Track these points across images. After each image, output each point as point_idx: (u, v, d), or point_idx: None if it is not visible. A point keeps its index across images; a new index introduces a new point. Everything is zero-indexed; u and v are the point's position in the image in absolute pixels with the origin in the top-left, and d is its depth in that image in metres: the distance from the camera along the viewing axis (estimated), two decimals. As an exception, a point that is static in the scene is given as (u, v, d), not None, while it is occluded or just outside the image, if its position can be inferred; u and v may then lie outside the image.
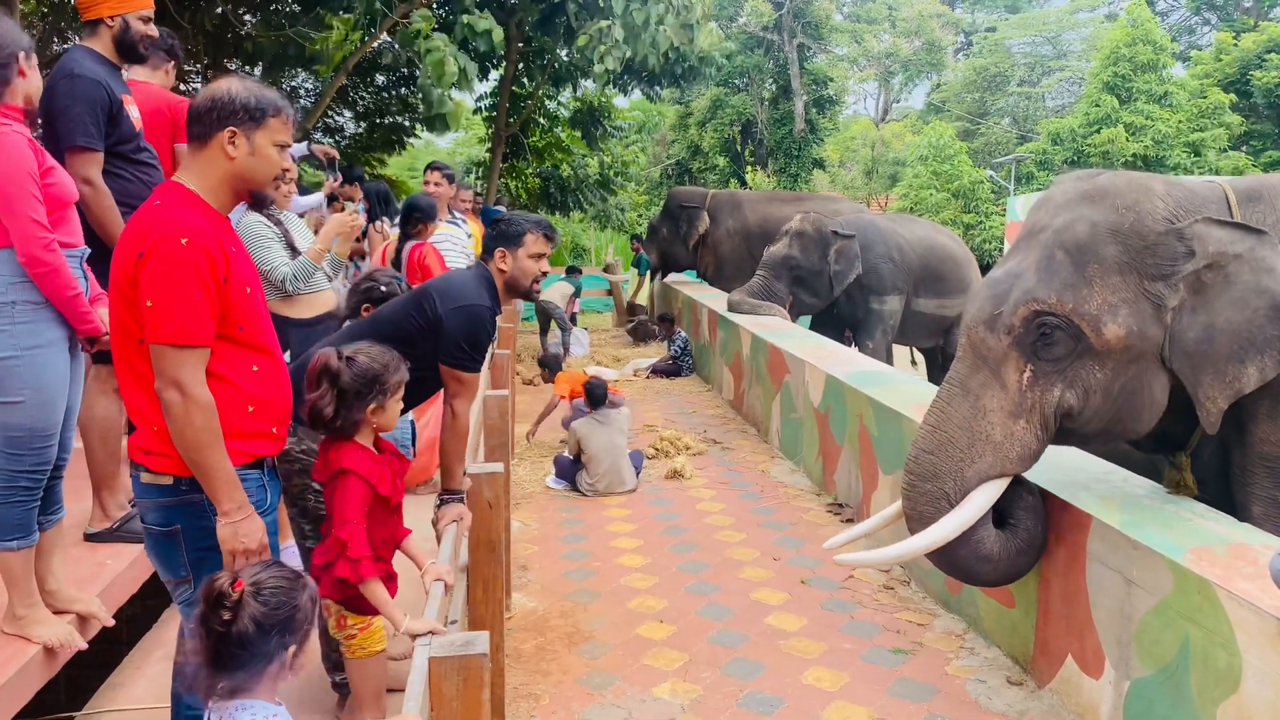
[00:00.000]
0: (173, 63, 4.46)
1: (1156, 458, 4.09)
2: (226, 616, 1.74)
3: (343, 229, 4.36)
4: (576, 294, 13.21)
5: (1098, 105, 25.88)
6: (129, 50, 3.56)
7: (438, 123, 10.34)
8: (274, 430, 2.39)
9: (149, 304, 2.13)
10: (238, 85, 2.29)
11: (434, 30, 9.46)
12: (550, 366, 6.83)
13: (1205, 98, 25.64)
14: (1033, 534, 3.73)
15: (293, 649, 1.81)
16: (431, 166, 6.38)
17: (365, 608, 2.65)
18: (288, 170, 2.46)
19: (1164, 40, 26.49)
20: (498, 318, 3.32)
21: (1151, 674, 3.22)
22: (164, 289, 2.13)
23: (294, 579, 1.85)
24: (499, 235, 3.25)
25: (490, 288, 3.20)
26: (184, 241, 2.14)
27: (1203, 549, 3.15)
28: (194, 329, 2.15)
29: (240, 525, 2.22)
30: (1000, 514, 3.72)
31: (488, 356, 5.73)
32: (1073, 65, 35.18)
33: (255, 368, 2.33)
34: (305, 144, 6.53)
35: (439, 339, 3.05)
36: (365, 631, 2.74)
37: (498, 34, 10.79)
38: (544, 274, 3.31)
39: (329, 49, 8.55)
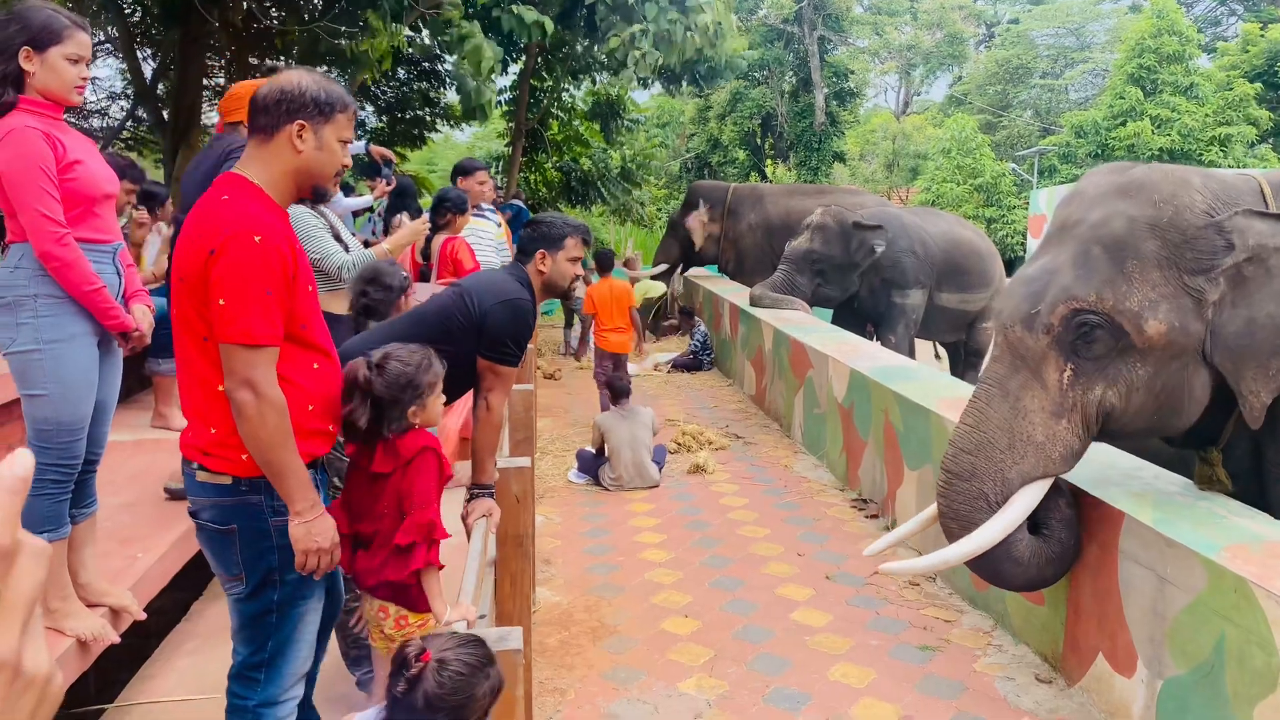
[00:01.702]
0: None
1: (1187, 453, 4.04)
2: (402, 688, 1.77)
3: (417, 236, 4.43)
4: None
5: (1122, 98, 25.61)
6: None
7: (477, 112, 10.34)
8: (330, 428, 2.40)
9: (221, 302, 2.10)
10: (307, 78, 2.26)
11: (463, 19, 9.47)
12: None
13: (1232, 89, 25.32)
14: (1065, 546, 3.70)
15: None
16: (479, 168, 6.54)
17: (421, 605, 2.57)
18: (347, 166, 2.47)
19: (1190, 31, 26.16)
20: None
21: (1185, 673, 3.19)
22: (237, 288, 2.09)
23: (479, 666, 1.83)
24: (540, 237, 3.27)
25: (529, 287, 3.22)
26: (257, 240, 2.11)
27: (1238, 546, 3.12)
28: (266, 329, 2.13)
29: (314, 525, 2.22)
30: (1034, 521, 3.68)
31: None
32: (1096, 57, 34.84)
33: (316, 366, 2.33)
34: (364, 142, 6.55)
35: (481, 334, 3.06)
36: (424, 629, 2.63)
37: (549, 24, 10.74)
38: (579, 276, 3.35)
39: (371, 51, 8.52)
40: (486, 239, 6.24)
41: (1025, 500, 3.51)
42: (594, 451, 6.89)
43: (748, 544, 5.58)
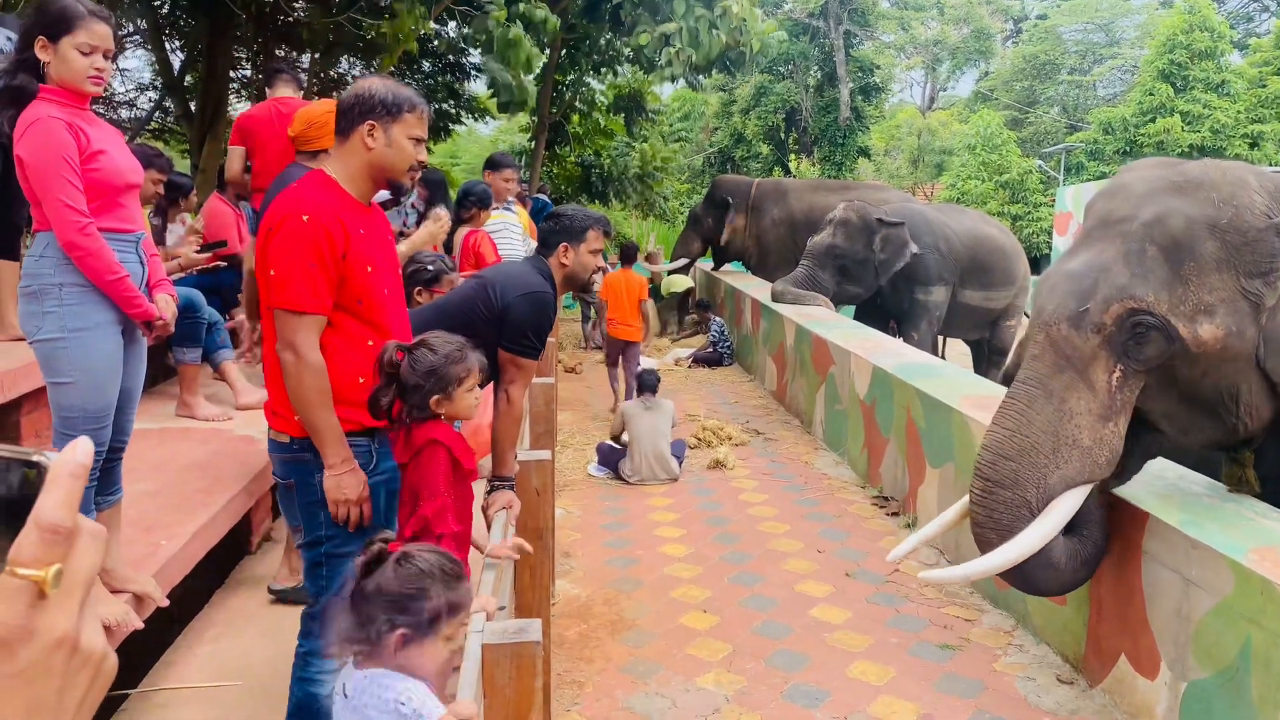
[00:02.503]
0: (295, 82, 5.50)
1: (1214, 454, 3.98)
2: (361, 573, 1.81)
3: (435, 239, 4.47)
4: None
5: (1152, 94, 25.37)
6: None
7: (513, 105, 10.44)
8: None
9: (272, 273, 2.37)
10: (379, 83, 2.51)
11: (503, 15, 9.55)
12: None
13: (1265, 86, 25.00)
14: (1099, 547, 3.60)
15: (400, 633, 1.77)
16: (509, 165, 6.60)
17: None
18: (422, 162, 2.63)
19: (1222, 27, 25.87)
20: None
21: (1209, 676, 3.15)
22: (284, 260, 2.36)
23: (441, 574, 1.82)
24: (562, 230, 3.30)
25: (550, 279, 3.25)
26: (305, 218, 2.36)
27: (1266, 549, 3.07)
28: (309, 297, 2.36)
29: (343, 478, 2.42)
30: (1069, 523, 3.54)
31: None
32: (1126, 53, 34.48)
33: (370, 343, 2.51)
34: None
35: (503, 325, 3.09)
36: None
37: (553, 23, 10.83)
38: (600, 269, 3.38)
39: (393, 38, 8.59)
40: (515, 232, 6.26)
41: (1066, 506, 3.34)
42: (614, 442, 6.90)
43: (767, 540, 5.56)
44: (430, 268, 3.89)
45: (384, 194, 6.63)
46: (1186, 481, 3.84)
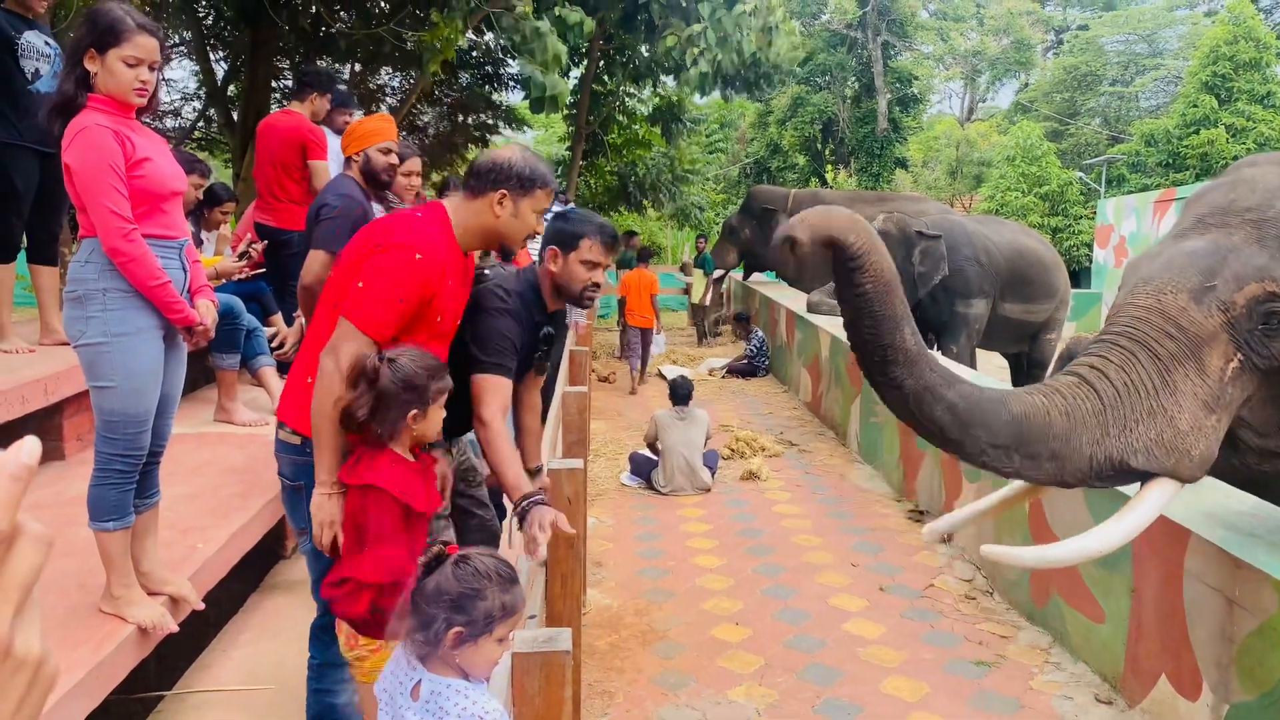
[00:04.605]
0: (314, 93, 5.77)
1: (1265, 469, 3.82)
2: (422, 574, 1.87)
3: None
4: None
5: (1195, 106, 24.96)
6: (372, 179, 4.05)
7: (548, 104, 10.54)
8: None
9: (360, 285, 2.42)
10: (518, 155, 2.60)
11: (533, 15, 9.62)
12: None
13: (1312, 98, 24.56)
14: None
15: (455, 631, 1.84)
16: None
17: (372, 631, 2.42)
18: (537, 232, 2.74)
19: (1268, 38, 25.39)
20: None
21: (1253, 699, 3.08)
22: (379, 282, 2.41)
23: (498, 576, 1.89)
24: (556, 233, 3.04)
25: (534, 288, 3.04)
26: (418, 256, 2.43)
27: (1312, 570, 3.00)
28: (380, 325, 2.42)
29: (330, 499, 2.43)
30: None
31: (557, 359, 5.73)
32: (1169, 64, 33.99)
33: None
34: None
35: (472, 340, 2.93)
36: (376, 655, 2.47)
37: (589, 24, 10.89)
38: (596, 286, 3.06)
39: (433, 47, 8.69)
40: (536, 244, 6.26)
41: (1156, 500, 2.72)
42: (647, 450, 6.89)
43: (800, 552, 5.52)
44: (488, 271, 3.88)
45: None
46: (1232, 500, 3.76)
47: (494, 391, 2.88)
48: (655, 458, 6.82)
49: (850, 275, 2.46)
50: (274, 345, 5.23)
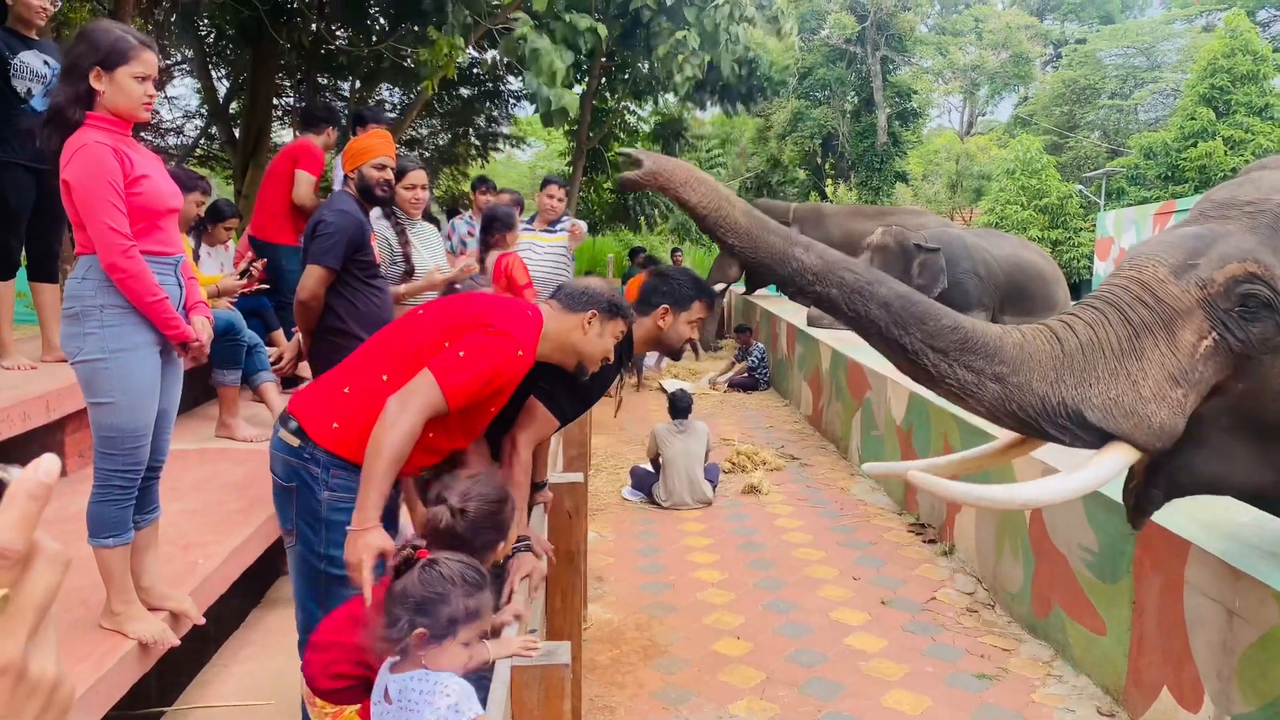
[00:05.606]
0: (330, 128, 6.07)
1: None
2: (392, 577, 1.92)
3: (433, 287, 4.63)
4: None
5: (1193, 118, 25.01)
6: (367, 194, 4.09)
7: (556, 116, 10.60)
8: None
9: (461, 354, 2.48)
10: (605, 287, 2.79)
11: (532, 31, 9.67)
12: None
13: (1310, 110, 24.59)
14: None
15: (418, 632, 1.87)
16: (551, 181, 6.60)
17: (341, 699, 2.32)
18: (609, 359, 2.94)
19: (1265, 51, 25.45)
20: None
21: (1254, 710, 3.07)
22: (477, 360, 2.48)
23: (467, 582, 1.92)
24: (669, 293, 3.16)
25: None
26: (520, 354, 2.56)
27: (1313, 581, 3.00)
28: (459, 395, 2.46)
29: (368, 534, 2.32)
30: None
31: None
32: (1167, 77, 34.07)
33: (444, 443, 2.65)
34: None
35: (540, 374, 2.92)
36: (339, 718, 2.35)
37: (602, 29, 10.94)
38: (691, 341, 3.27)
39: (433, 64, 8.74)
40: (539, 250, 6.24)
41: (1114, 461, 2.67)
42: (649, 464, 6.89)
43: (802, 566, 5.51)
44: None
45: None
46: (1231, 511, 3.76)
47: (542, 424, 3.00)
48: (656, 472, 6.82)
49: (713, 234, 2.56)
50: (273, 361, 5.24)
